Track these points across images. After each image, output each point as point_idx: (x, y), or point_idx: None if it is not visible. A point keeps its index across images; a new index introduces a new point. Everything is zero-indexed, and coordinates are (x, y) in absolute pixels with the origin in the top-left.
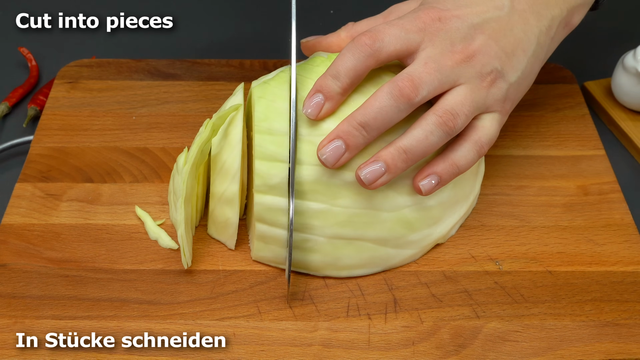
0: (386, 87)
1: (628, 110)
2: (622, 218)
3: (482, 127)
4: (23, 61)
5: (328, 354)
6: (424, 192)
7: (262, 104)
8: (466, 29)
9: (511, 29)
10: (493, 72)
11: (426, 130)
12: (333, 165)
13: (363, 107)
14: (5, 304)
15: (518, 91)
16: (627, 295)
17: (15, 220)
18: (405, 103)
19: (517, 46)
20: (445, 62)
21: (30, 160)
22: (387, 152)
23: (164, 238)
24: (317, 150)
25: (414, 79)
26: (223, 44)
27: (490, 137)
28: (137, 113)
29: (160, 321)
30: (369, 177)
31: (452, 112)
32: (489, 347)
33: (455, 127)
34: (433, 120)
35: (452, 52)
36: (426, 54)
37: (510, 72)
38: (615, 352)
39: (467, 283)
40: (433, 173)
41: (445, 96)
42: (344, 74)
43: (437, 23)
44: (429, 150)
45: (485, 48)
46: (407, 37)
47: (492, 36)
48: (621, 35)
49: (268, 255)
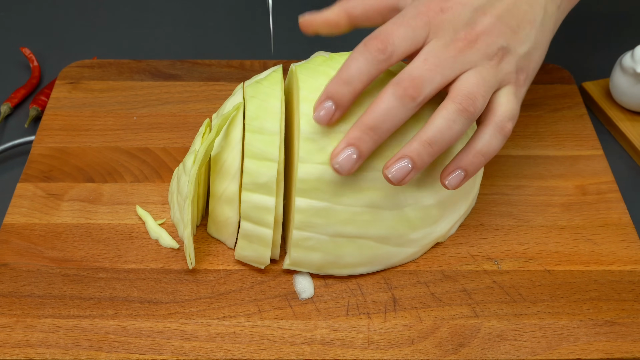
0: (390, 88)
1: (626, 110)
2: (620, 217)
3: (499, 105)
4: (25, 62)
5: (328, 353)
6: (451, 187)
7: (254, 103)
8: (469, 13)
9: (514, 3)
10: (500, 51)
11: (448, 120)
12: (347, 172)
13: (370, 111)
14: (7, 303)
15: (531, 61)
16: (625, 295)
17: (17, 219)
18: (411, 102)
19: (522, 19)
20: (447, 54)
21: (32, 160)
22: (412, 148)
23: (165, 237)
24: (330, 159)
25: (414, 78)
26: (223, 45)
27: (510, 112)
28: (138, 113)
29: (161, 320)
30: (397, 175)
31: (469, 97)
32: (487, 346)
33: (476, 110)
34: (453, 108)
35: (455, 40)
36: (428, 49)
37: (517, 46)
38: (613, 350)
39: (466, 282)
40: (458, 168)
41: (457, 83)
42: (357, 79)
43: (440, 15)
44: (454, 140)
45: (488, 28)
46: (414, 34)
47: (495, 15)
48: (619, 36)
49: (251, 255)
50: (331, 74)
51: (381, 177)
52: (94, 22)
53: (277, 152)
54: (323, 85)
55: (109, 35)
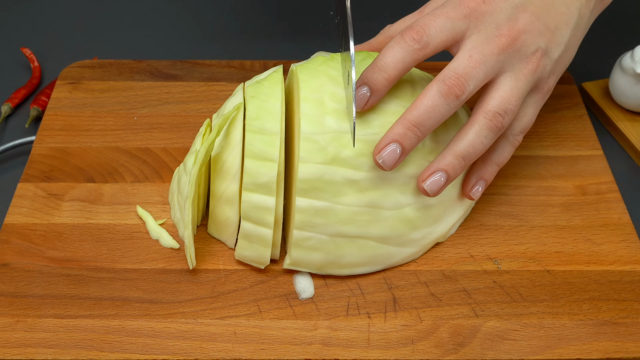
0: (435, 85)
1: (625, 110)
2: (620, 217)
3: (519, 117)
4: (25, 62)
5: (328, 353)
6: (475, 198)
7: (255, 103)
8: (509, 8)
9: (552, 4)
10: (538, 51)
11: (480, 135)
12: (390, 167)
13: (415, 108)
14: (8, 303)
15: (561, 64)
16: (624, 294)
17: (18, 219)
18: (455, 100)
19: (560, 20)
20: (490, 50)
21: (33, 161)
22: (447, 162)
23: (165, 237)
24: (374, 155)
25: (460, 76)
26: (224, 45)
27: (525, 125)
28: (139, 113)
29: (162, 320)
30: (433, 188)
31: (501, 114)
32: (487, 346)
33: (504, 126)
34: (485, 124)
35: (497, 36)
36: (471, 44)
37: (554, 48)
38: (613, 350)
39: (466, 282)
40: (480, 179)
41: (492, 93)
42: (392, 67)
43: (482, 6)
44: (482, 152)
45: (529, 27)
46: (453, 26)
47: (535, 13)
48: (619, 37)
49: (251, 255)
50: (332, 74)
51: (380, 177)
52: (95, 22)
53: (278, 152)
54: (323, 86)
55: (109, 35)
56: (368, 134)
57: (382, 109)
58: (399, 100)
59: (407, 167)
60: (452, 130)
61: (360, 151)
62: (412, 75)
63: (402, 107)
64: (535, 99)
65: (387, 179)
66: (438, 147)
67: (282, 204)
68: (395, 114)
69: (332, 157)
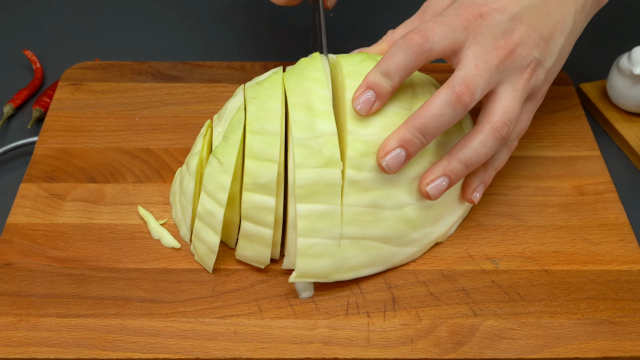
0: (443, 92)
1: (623, 111)
2: (617, 218)
3: (517, 123)
4: (27, 63)
5: (328, 352)
6: (476, 202)
7: (255, 104)
8: (506, 21)
9: (548, 13)
10: (532, 62)
11: (484, 144)
12: (394, 171)
13: (421, 114)
14: (10, 302)
15: (553, 72)
16: (622, 294)
17: (20, 220)
18: (462, 108)
19: (554, 29)
20: (492, 61)
21: (35, 161)
22: (451, 167)
23: (167, 237)
24: (378, 158)
25: (469, 84)
26: (224, 47)
27: (521, 131)
28: (140, 114)
29: (163, 319)
30: (435, 192)
31: (507, 124)
32: (486, 345)
33: (508, 135)
34: (491, 134)
35: (495, 48)
36: (473, 54)
37: (548, 58)
38: (610, 349)
39: (464, 282)
40: (482, 182)
41: (496, 103)
42: (395, 72)
43: (478, 20)
44: (485, 161)
45: (524, 38)
46: (454, 35)
47: (530, 24)
48: (616, 38)
49: (251, 255)
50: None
51: (381, 177)
52: (96, 24)
53: (278, 152)
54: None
55: (111, 37)
56: (369, 134)
57: (382, 110)
58: (399, 101)
59: (409, 168)
60: (452, 132)
61: (362, 151)
62: (412, 77)
63: (402, 108)
64: (530, 106)
65: (389, 179)
66: (438, 149)
67: (282, 204)
68: (395, 115)
69: (328, 159)
